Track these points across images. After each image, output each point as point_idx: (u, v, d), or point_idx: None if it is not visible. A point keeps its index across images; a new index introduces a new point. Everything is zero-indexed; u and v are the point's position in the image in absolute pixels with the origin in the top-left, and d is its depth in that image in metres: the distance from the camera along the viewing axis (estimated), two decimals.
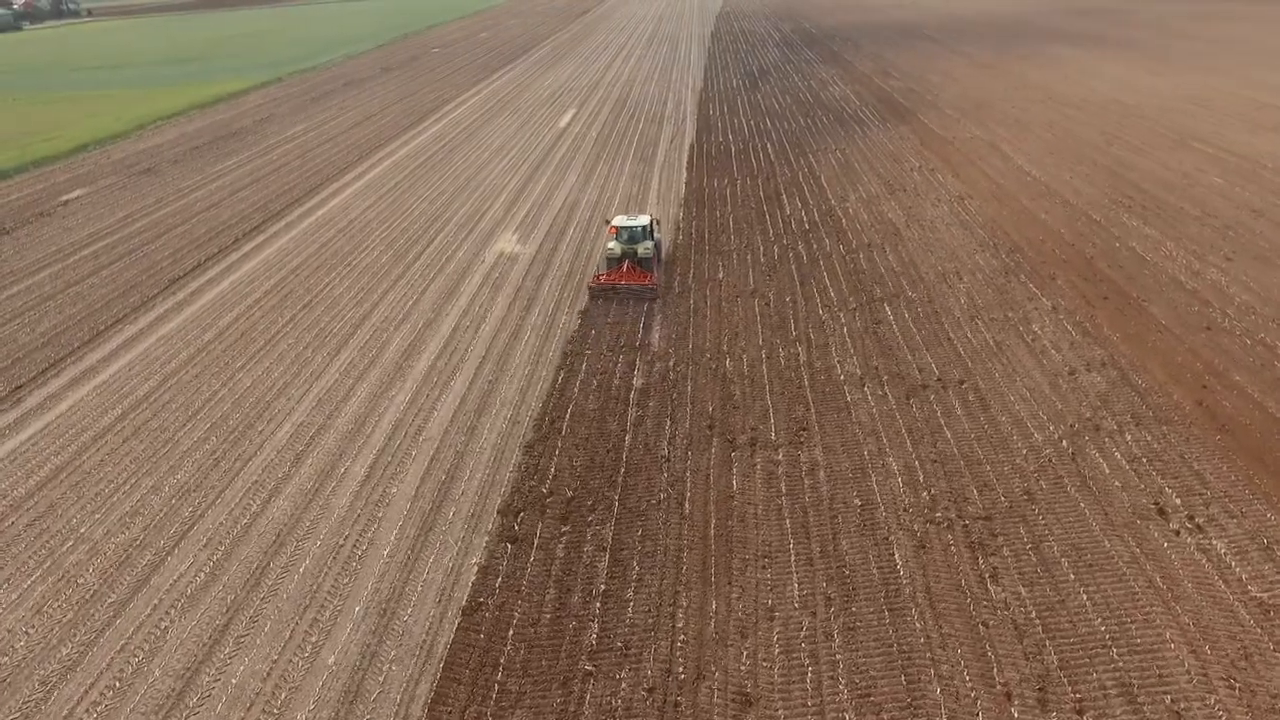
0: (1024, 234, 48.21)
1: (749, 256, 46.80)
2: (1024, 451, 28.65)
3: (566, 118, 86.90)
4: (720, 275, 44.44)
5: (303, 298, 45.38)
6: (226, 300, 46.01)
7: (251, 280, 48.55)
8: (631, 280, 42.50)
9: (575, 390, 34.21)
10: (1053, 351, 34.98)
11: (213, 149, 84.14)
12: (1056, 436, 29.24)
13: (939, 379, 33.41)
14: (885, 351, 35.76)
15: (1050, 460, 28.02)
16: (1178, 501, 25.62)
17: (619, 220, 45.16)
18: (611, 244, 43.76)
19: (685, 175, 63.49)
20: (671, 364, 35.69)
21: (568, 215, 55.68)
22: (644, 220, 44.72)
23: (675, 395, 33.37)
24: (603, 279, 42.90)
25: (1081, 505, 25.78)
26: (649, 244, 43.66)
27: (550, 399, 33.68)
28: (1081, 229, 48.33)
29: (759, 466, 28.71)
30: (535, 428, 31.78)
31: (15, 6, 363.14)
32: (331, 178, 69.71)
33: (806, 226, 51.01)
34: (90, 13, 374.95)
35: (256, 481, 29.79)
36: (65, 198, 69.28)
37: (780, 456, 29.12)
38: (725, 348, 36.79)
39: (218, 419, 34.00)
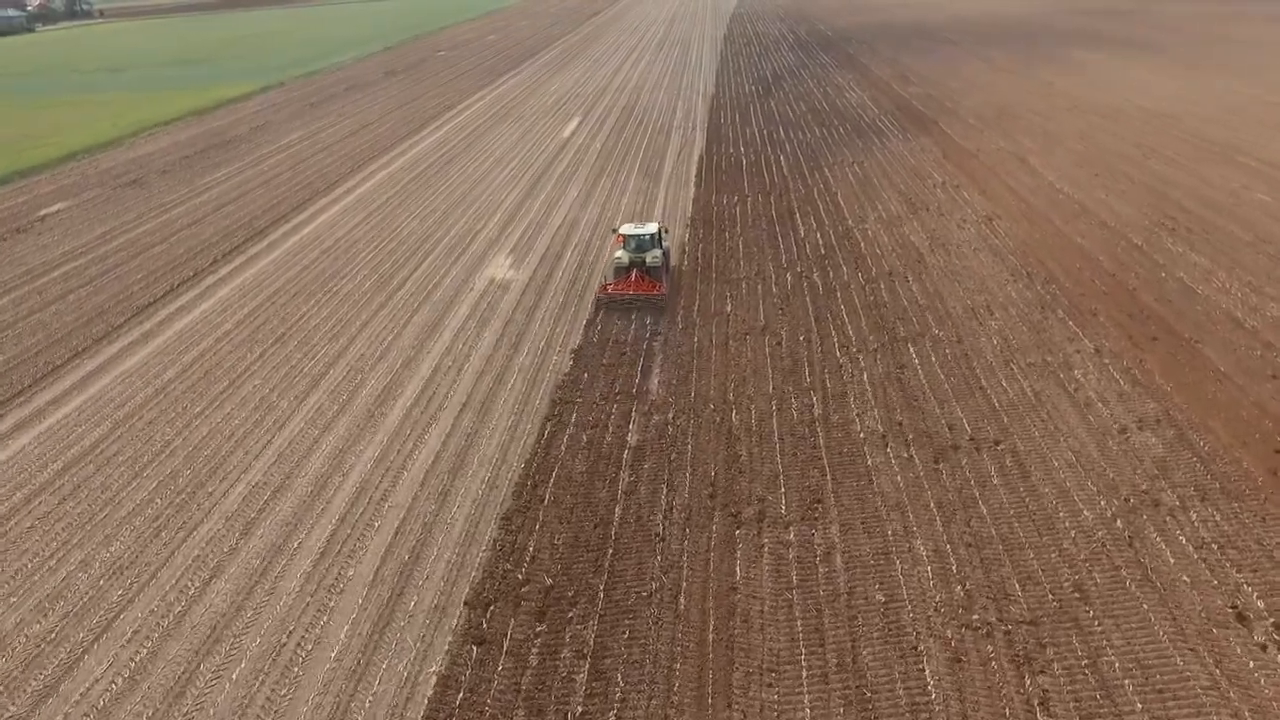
0: (1059, 261, 44.29)
1: (759, 286, 43.04)
2: (1072, 533, 24.82)
3: (570, 126, 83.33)
4: (728, 308, 40.69)
5: (276, 330, 41.95)
6: (195, 331, 42.63)
7: (225, 308, 45.18)
8: (640, 290, 40.88)
9: (562, 447, 30.57)
10: (1099, 404, 31.09)
11: (203, 158, 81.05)
12: (1109, 514, 25.39)
13: (971, 438, 29.58)
14: (910, 403, 31.95)
15: (1104, 545, 24.17)
16: (1260, 604, 21.76)
17: (626, 228, 43.23)
18: (619, 253, 42.24)
19: (693, 191, 59.78)
20: (671, 416, 32.00)
21: (565, 236, 52.06)
22: (652, 228, 42.96)
23: (674, 455, 29.68)
24: (610, 289, 41.31)
25: (1144, 607, 21.94)
26: (657, 252, 42.04)
27: (534, 458, 30.06)
28: (1122, 255, 44.36)
29: (766, 549, 25.00)
30: (515, 494, 28.16)
31: (29, 8, 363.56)
32: (322, 191, 66.38)
33: (822, 251, 47.20)
34: (102, 14, 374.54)
35: (198, 557, 26.30)
36: (45, 211, 66.29)
37: (791, 536, 25.39)
38: (731, 397, 33.06)
39: (166, 476, 30.56)
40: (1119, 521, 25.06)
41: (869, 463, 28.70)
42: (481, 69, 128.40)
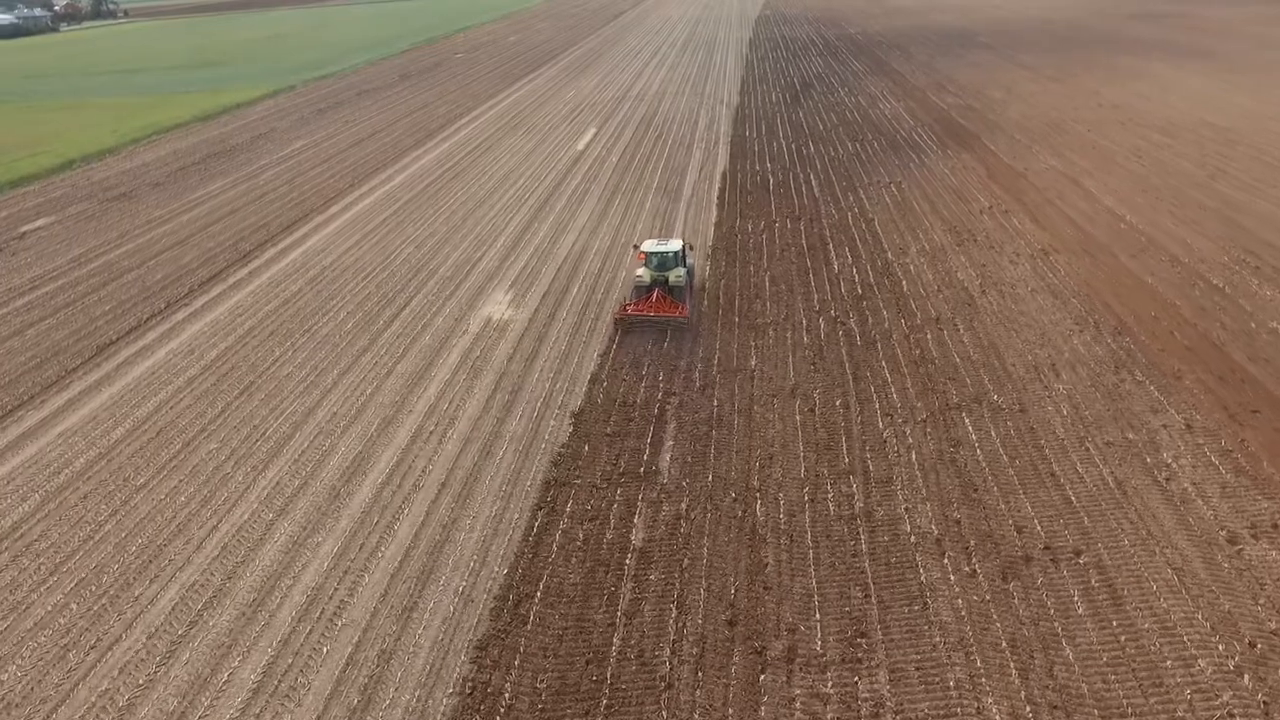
0: (1129, 305, 38.87)
1: (789, 334, 37.86)
2: (1187, 692, 19.59)
3: (586, 138, 78.40)
4: (752, 363, 35.58)
5: (244, 378, 37.30)
6: (156, 378, 38.09)
7: (192, 349, 40.61)
8: (662, 311, 38.64)
9: (554, 547, 25.64)
10: (1198, 501, 25.78)
11: (200, 169, 76.88)
12: (1232, 665, 20.14)
13: (1046, 546, 24.37)
14: (969, 494, 26.75)
15: (1231, 716, 18.88)
16: None
17: (648, 245, 40.97)
18: (640, 271, 40.19)
19: (715, 215, 54.63)
20: (684, 506, 26.98)
21: (573, 268, 47.13)
22: (675, 245, 40.65)
23: (687, 561, 24.68)
24: (630, 310, 39.12)
25: None
26: (681, 271, 39.81)
27: (520, 561, 25.15)
28: (1202, 300, 38.89)
29: (798, 703, 19.93)
30: (494, 613, 23.24)
31: (56, 8, 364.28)
32: (317, 209, 61.85)
33: (859, 290, 41.96)
34: (127, 13, 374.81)
35: (106, 693, 21.61)
36: (25, 228, 62.23)
37: (829, 686, 20.32)
38: (756, 481, 27.99)
39: (89, 573, 25.95)
40: (1246, 677, 19.81)
41: (923, 578, 23.56)
42: (498, 73, 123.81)
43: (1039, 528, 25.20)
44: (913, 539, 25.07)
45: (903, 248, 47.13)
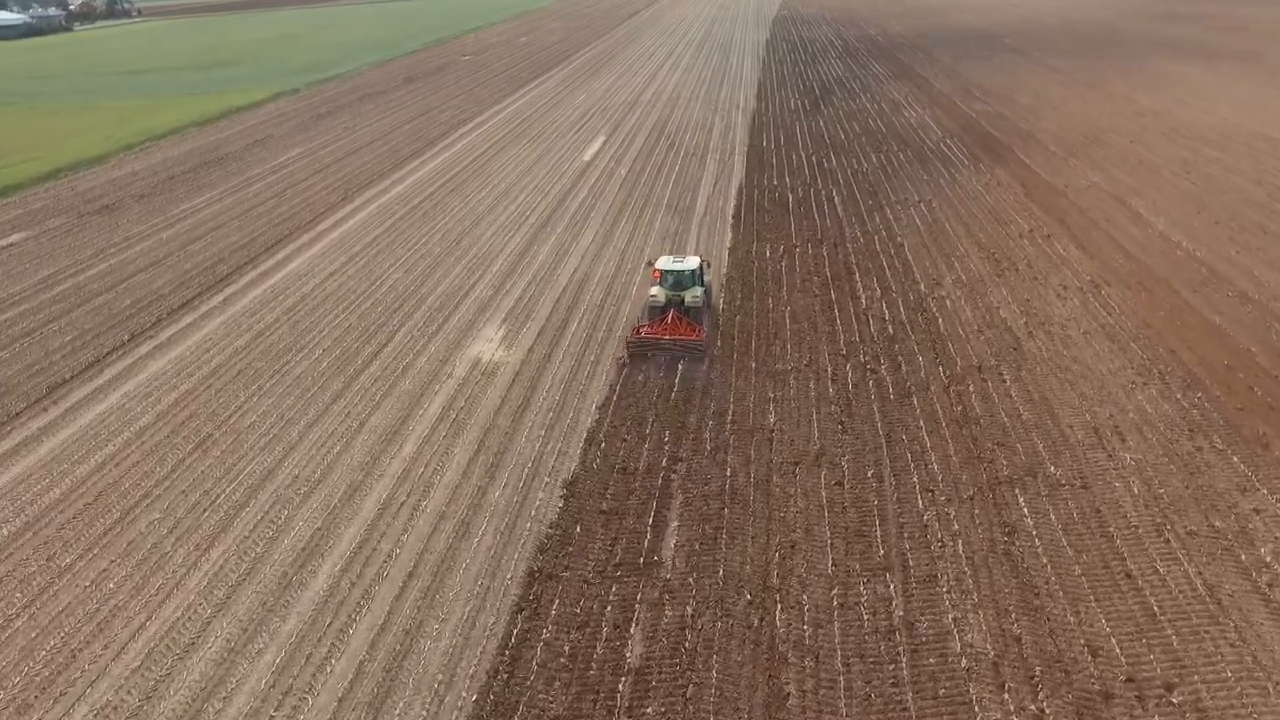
0: (1197, 352, 34.37)
1: (811, 384, 33.51)
2: None
3: (593, 148, 74.19)
4: (771, 419, 31.26)
5: (201, 429, 33.31)
6: (105, 427, 34.15)
7: (149, 392, 36.69)
8: (677, 334, 36.21)
9: (533, 665, 21.45)
10: None
11: (188, 180, 73.14)
12: None
13: (1129, 678, 20.02)
14: (1029, 600, 22.40)
15: None
16: None
17: (664, 262, 38.54)
18: (654, 290, 37.83)
19: (730, 237, 50.30)
20: (690, 611, 22.73)
21: (573, 299, 42.92)
22: (693, 263, 38.27)
23: (691, 689, 20.40)
24: (644, 332, 36.81)
25: None
26: (698, 291, 37.61)
27: (491, 684, 20.96)
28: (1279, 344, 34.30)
29: None
30: None
31: (71, 7, 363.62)
32: (304, 225, 57.91)
33: (890, 330, 37.55)
34: (140, 12, 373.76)
35: None
36: (0, 243, 58.53)
37: None
38: (775, 578, 23.73)
39: None
40: None
41: (979, 718, 19.16)
42: (505, 76, 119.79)
43: (1118, 650, 20.81)
44: (964, 662, 20.74)
45: (937, 278, 42.67)
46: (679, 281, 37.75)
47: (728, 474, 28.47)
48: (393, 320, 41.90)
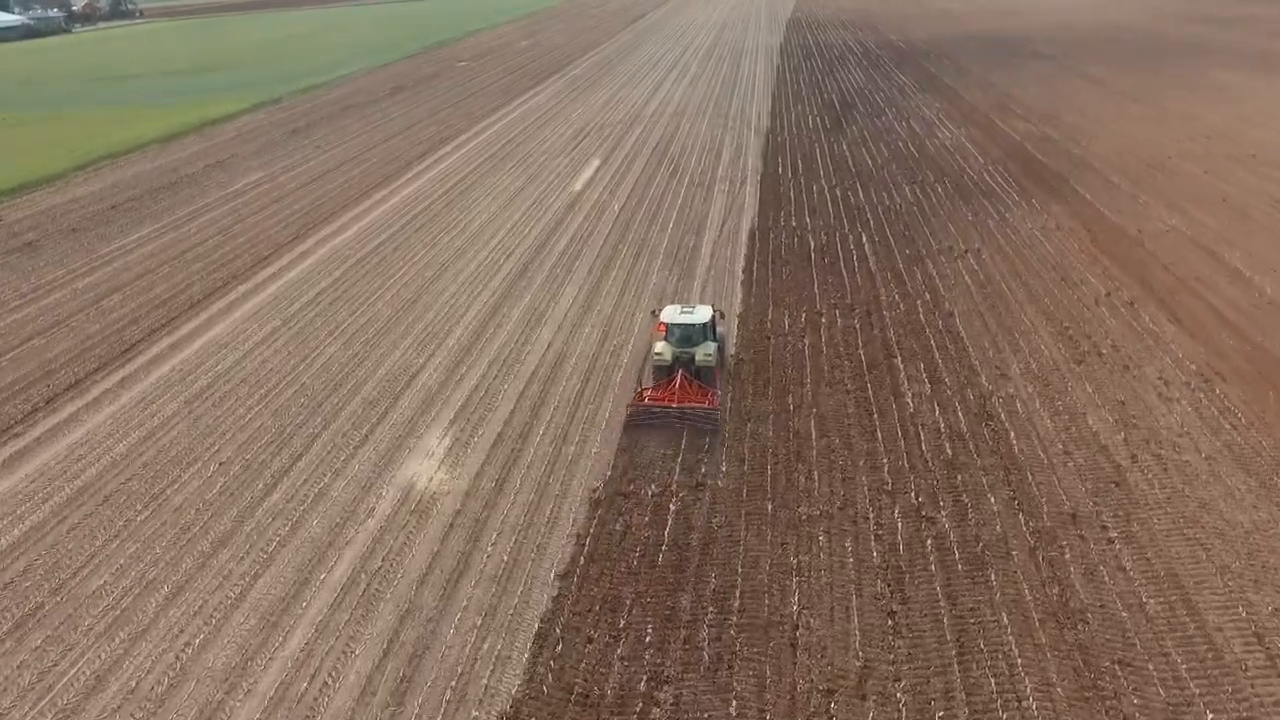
0: None
1: (848, 543, 24.72)
2: None
3: (585, 174, 65.53)
4: (793, 606, 22.52)
5: (26, 598, 25.03)
6: None
7: None
8: (686, 401, 30.97)
9: None
10: None
11: (131, 210, 65.00)
12: None
13: None
14: None
15: None
16: None
17: (670, 314, 33.63)
18: (659, 347, 32.93)
19: (740, 299, 41.48)
20: None
21: (542, 389, 34.19)
22: (703, 315, 33.28)
23: None
24: (647, 397, 31.76)
25: None
26: (710, 348, 32.53)
27: None
28: None
29: None
30: None
31: (74, 8, 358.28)
32: (242, 274, 49.48)
33: (948, 450, 28.67)
34: (142, 13, 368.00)
35: None
36: None
37: None
38: None
39: None
40: None
41: None
42: (499, 86, 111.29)
43: None
44: None
45: (1000, 366, 33.72)
46: (687, 337, 32.37)
47: (731, 710, 19.62)
48: (315, 419, 33.25)
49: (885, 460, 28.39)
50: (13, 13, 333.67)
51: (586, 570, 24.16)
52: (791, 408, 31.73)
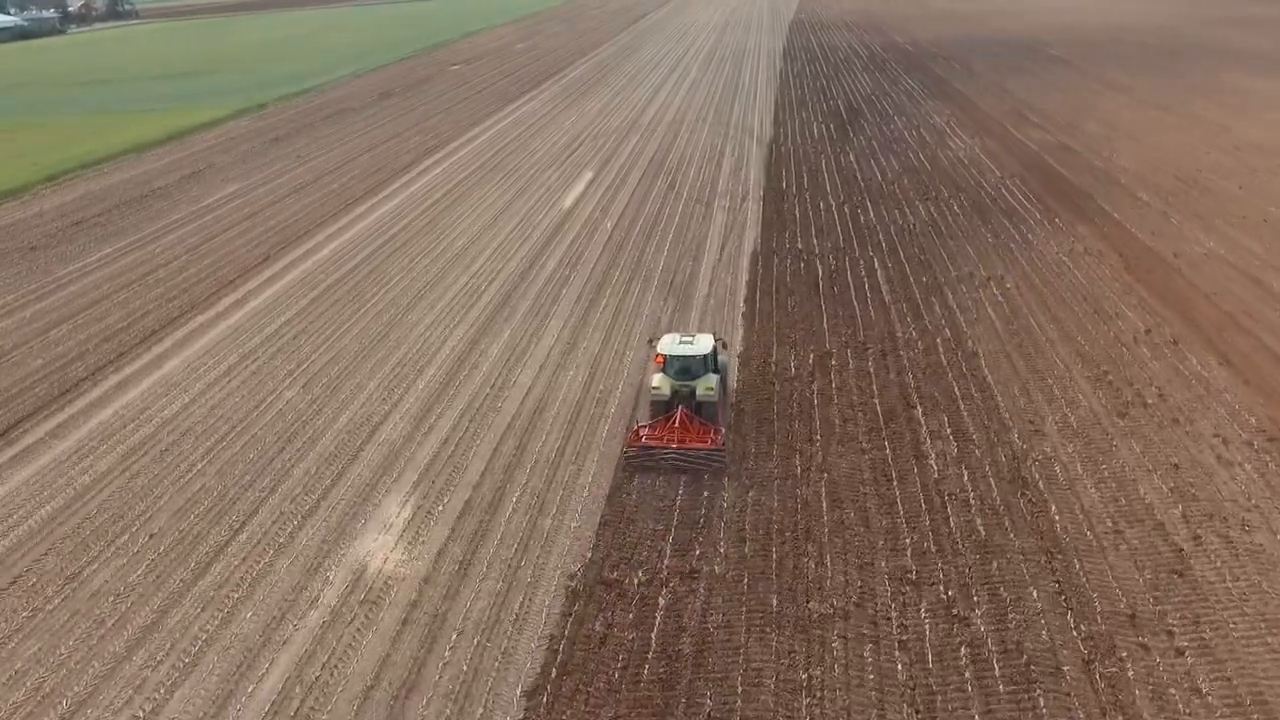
0: None
1: (866, 652, 21.00)
2: None
3: (577, 189, 61.78)
4: None
5: None
6: None
7: None
8: (686, 441, 28.41)
9: None
10: None
11: (96, 227, 61.40)
12: None
13: None
14: None
15: None
16: None
17: (668, 344, 30.84)
18: (657, 380, 30.27)
19: (741, 336, 37.65)
20: None
21: (519, 445, 30.44)
22: (704, 345, 30.62)
23: None
24: (644, 436, 29.11)
25: None
26: (712, 380, 29.95)
27: None
28: None
29: None
30: None
31: (70, 9, 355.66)
32: (203, 302, 45.83)
33: (980, 527, 24.87)
34: (139, 14, 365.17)
35: None
36: None
37: None
38: None
39: None
40: None
41: None
42: (492, 91, 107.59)
43: None
44: None
45: (1034, 420, 29.90)
46: (687, 369, 29.74)
47: None
48: (263, 479, 29.48)
49: (908, 540, 24.57)
50: (8, 14, 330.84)
51: (559, 686, 20.38)
52: (799, 471, 27.91)
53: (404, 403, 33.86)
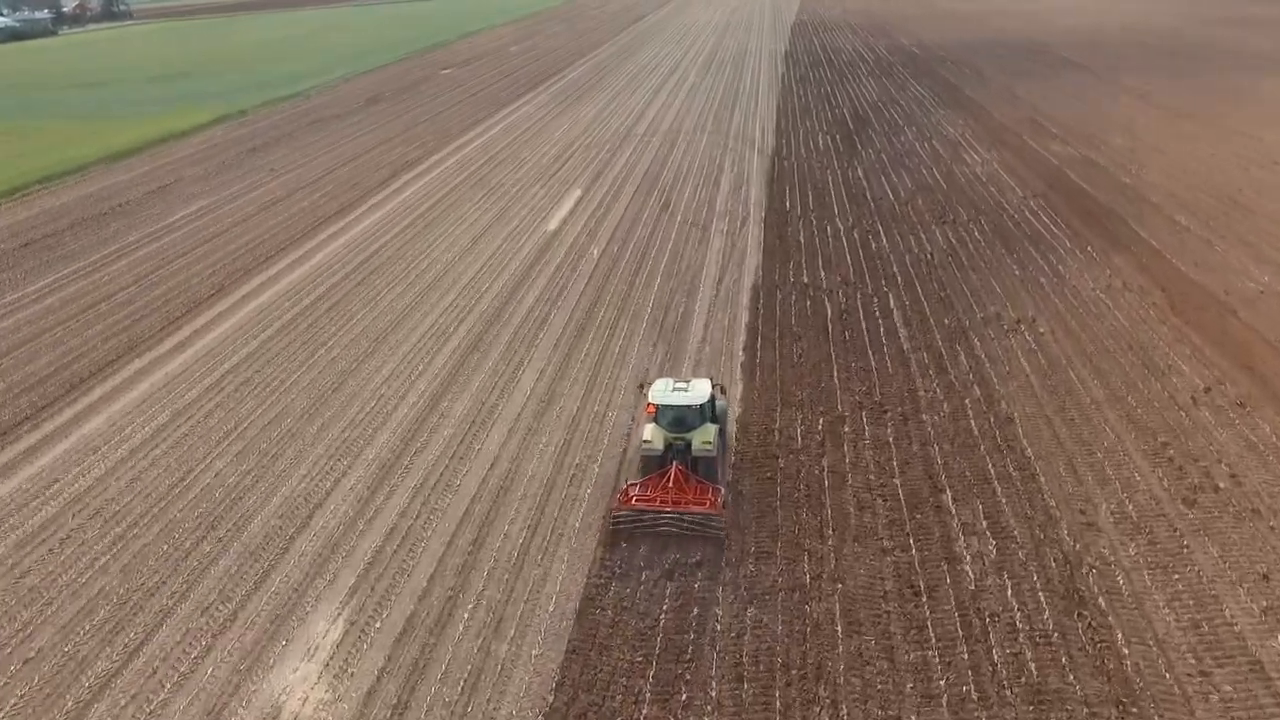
0: None
1: None
2: None
3: (565, 208, 57.17)
4: None
5: None
6: None
7: None
8: (682, 503, 25.00)
9: None
10: None
11: (44, 249, 57.00)
12: None
13: None
14: None
15: None
16: None
17: (660, 392, 27.35)
18: (648, 432, 26.90)
19: (741, 389, 32.94)
20: None
21: (478, 535, 25.88)
22: (701, 393, 27.15)
23: None
24: (633, 497, 25.64)
25: None
26: (710, 433, 26.56)
27: None
28: None
29: None
30: None
31: (65, 9, 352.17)
32: (141, 343, 41.35)
33: (1030, 665, 20.34)
34: (131, 15, 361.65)
35: None
36: None
37: None
38: None
39: None
40: None
41: None
42: (483, 96, 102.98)
43: None
44: None
45: (1086, 509, 25.23)
46: (682, 419, 26.59)
47: None
48: (174, 580, 24.92)
49: (942, 681, 19.92)
50: (2, 15, 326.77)
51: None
52: (808, 579, 23.25)
53: (349, 477, 29.22)
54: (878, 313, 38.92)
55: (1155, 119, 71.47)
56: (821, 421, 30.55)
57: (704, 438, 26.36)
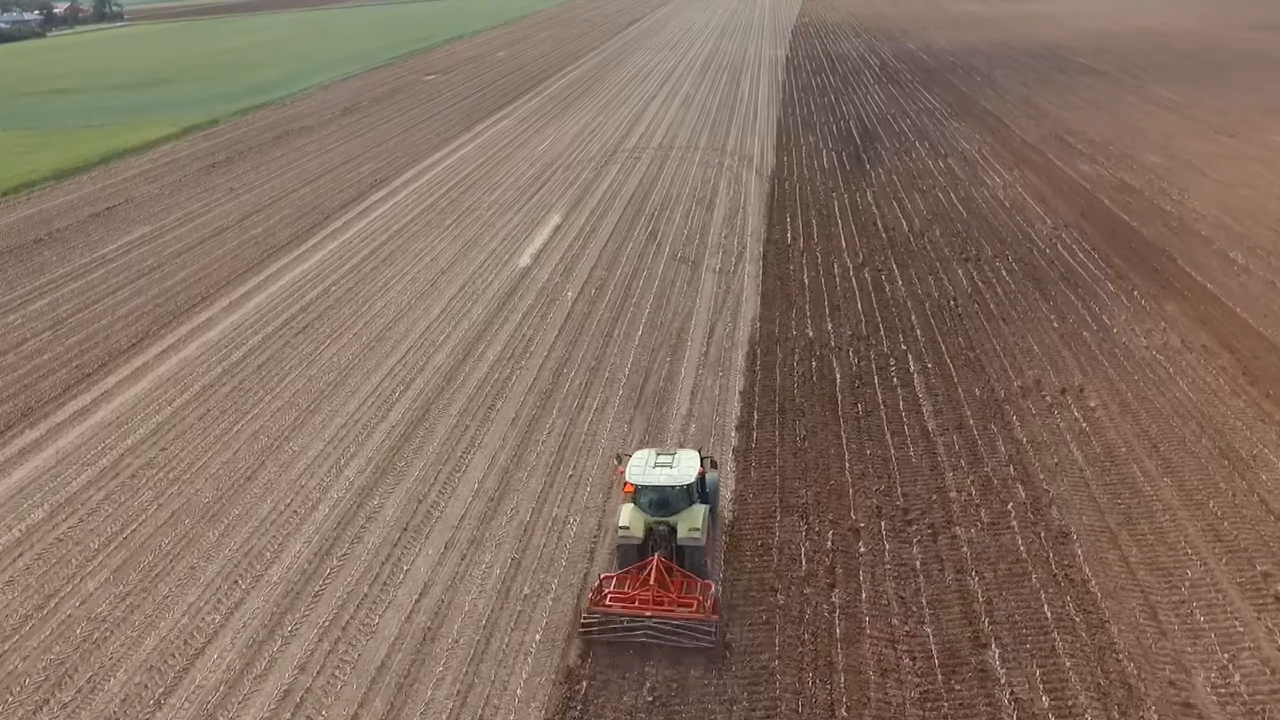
0: None
1: None
2: None
3: (540, 238, 51.34)
4: None
5: None
6: None
7: None
8: (665, 603, 20.65)
9: None
10: None
11: None
12: None
13: None
14: None
15: None
16: None
17: (639, 468, 22.86)
18: (626, 516, 22.31)
19: (734, 486, 27.00)
20: None
21: (390, 706, 19.73)
22: (687, 470, 22.62)
23: None
24: (609, 599, 21.10)
25: None
26: (696, 516, 22.14)
27: None
28: None
29: None
30: None
31: (56, 10, 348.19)
32: (36, 410, 35.53)
33: None
34: (122, 16, 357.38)
35: None
36: None
37: None
38: None
39: None
40: None
41: None
42: (463, 107, 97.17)
43: None
44: None
45: (1177, 679, 19.47)
46: (665, 501, 22.51)
47: None
48: None
49: None
50: None
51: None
52: None
53: (243, 610, 23.32)
54: (895, 379, 32.98)
55: (1192, 134, 65.62)
56: (831, 535, 24.64)
57: (691, 524, 22.00)
